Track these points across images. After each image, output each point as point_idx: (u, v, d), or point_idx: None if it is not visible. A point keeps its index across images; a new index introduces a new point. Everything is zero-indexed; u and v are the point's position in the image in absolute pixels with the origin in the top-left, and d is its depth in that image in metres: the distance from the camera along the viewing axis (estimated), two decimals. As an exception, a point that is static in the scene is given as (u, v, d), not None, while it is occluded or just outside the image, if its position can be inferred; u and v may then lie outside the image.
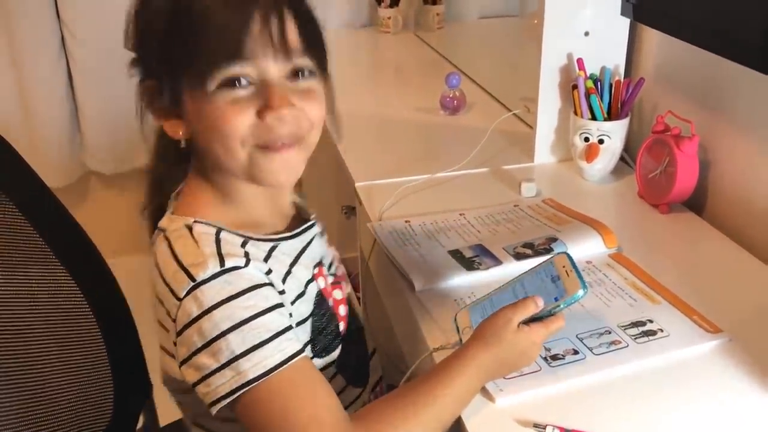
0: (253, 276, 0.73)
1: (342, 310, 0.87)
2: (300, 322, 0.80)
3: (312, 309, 0.82)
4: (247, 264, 0.73)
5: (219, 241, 0.74)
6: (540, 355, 0.80)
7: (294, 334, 0.73)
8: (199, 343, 0.70)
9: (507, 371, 0.78)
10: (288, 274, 0.79)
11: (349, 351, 0.87)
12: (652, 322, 0.87)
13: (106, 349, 1.03)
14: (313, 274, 0.83)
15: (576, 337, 0.84)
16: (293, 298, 0.79)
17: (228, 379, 0.69)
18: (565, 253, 0.82)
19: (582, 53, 1.23)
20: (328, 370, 0.84)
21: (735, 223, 1.09)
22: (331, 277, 0.87)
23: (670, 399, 0.76)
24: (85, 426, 1.02)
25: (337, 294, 0.87)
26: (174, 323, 0.73)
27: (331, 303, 0.85)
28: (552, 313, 0.78)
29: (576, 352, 0.82)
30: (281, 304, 0.74)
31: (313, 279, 0.83)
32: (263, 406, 0.70)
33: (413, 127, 1.55)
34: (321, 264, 0.86)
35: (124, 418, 1.07)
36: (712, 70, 1.12)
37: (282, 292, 0.77)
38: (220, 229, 0.76)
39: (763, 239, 1.04)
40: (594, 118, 1.21)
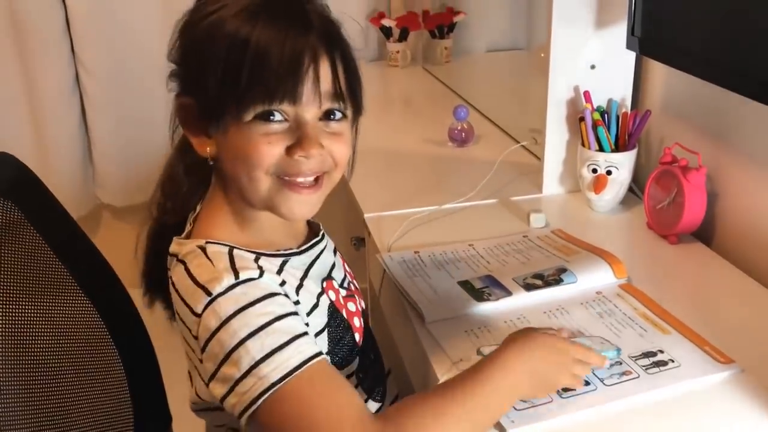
0: (268, 285, 0.75)
1: (357, 322, 0.88)
2: (317, 333, 0.81)
3: (327, 320, 0.82)
4: (261, 275, 0.75)
5: (233, 257, 0.76)
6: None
7: (311, 339, 0.74)
8: (221, 355, 0.71)
9: (543, 379, 0.77)
10: (300, 287, 0.80)
11: (366, 364, 0.88)
12: (662, 352, 0.86)
13: (126, 380, 1.03)
14: (323, 288, 0.84)
15: (587, 367, 0.84)
16: (308, 309, 0.80)
17: (251, 386, 0.70)
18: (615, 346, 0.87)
19: (589, 86, 1.25)
20: (349, 380, 0.84)
21: (744, 253, 1.09)
22: (343, 291, 0.88)
23: (682, 430, 0.76)
24: (104, 456, 1.02)
25: (351, 306, 0.88)
26: (197, 341, 0.74)
27: (344, 314, 0.86)
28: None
29: (587, 383, 0.81)
30: (296, 313, 0.75)
31: (323, 292, 0.84)
32: (287, 407, 0.70)
33: (422, 159, 1.56)
34: (330, 278, 0.87)
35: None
36: (719, 103, 1.13)
37: (297, 303, 0.77)
38: (232, 248, 0.77)
39: (772, 270, 1.04)
40: (601, 149, 1.22)
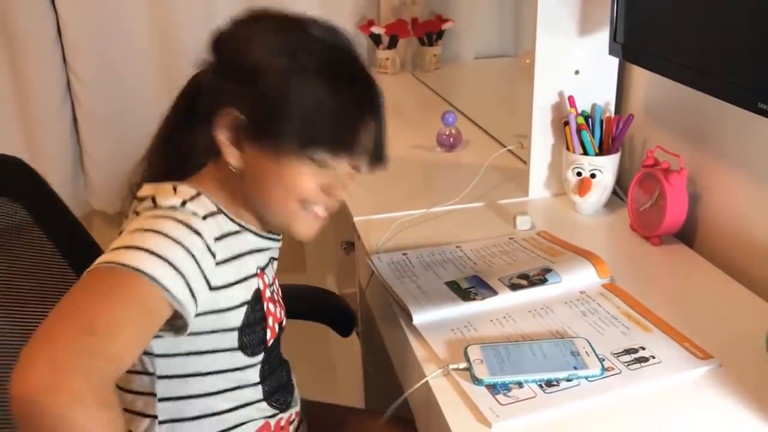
0: (198, 224, 0.77)
1: (271, 322, 0.89)
2: (237, 305, 0.83)
3: (249, 299, 0.84)
4: (204, 218, 0.78)
5: (197, 197, 0.79)
6: (535, 381, 0.82)
7: (173, 282, 0.72)
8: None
9: None
10: (237, 257, 0.83)
11: (272, 362, 0.91)
12: (644, 349, 0.89)
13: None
14: (257, 273, 0.87)
15: (570, 364, 0.86)
16: (222, 261, 0.80)
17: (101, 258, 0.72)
18: (586, 339, 0.88)
19: (573, 91, 1.27)
20: (252, 371, 0.87)
21: (724, 254, 1.12)
22: (268, 292, 0.89)
23: (663, 423, 0.78)
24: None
25: (272, 307, 0.90)
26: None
27: (264, 307, 0.88)
28: (569, 379, 0.82)
29: (569, 380, 0.83)
30: (196, 260, 0.76)
31: (257, 275, 0.86)
32: (79, 283, 0.71)
33: (411, 164, 1.58)
34: (264, 272, 0.89)
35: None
36: (700, 107, 1.16)
37: (213, 255, 0.79)
38: (205, 195, 0.81)
39: (750, 269, 1.06)
40: (586, 153, 1.24)
